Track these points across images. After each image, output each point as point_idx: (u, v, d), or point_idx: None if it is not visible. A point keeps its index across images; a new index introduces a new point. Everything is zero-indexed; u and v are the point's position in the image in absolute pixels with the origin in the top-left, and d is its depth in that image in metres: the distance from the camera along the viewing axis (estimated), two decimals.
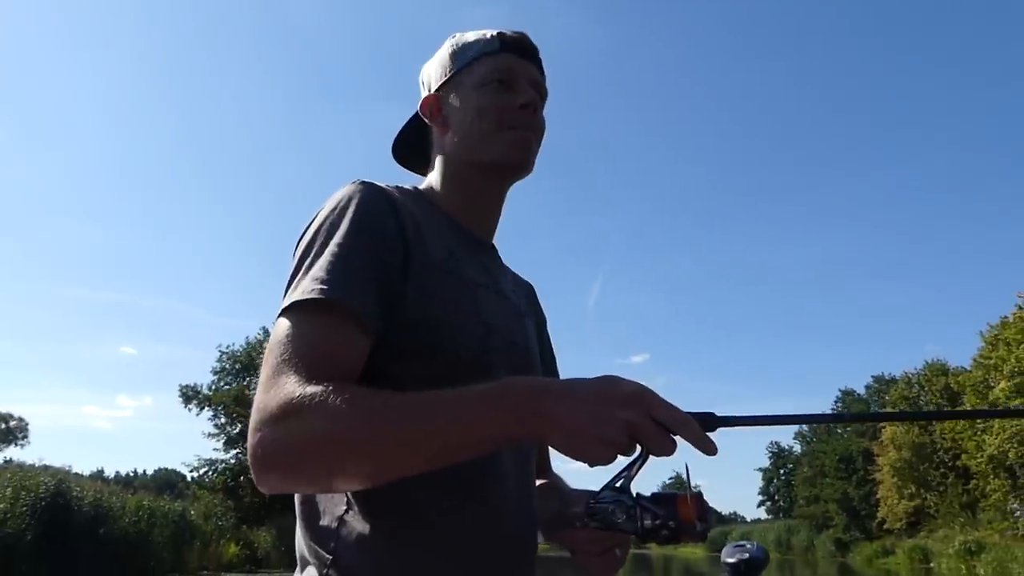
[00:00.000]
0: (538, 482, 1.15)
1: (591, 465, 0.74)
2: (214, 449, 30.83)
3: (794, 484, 59.36)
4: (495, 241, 1.17)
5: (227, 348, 31.90)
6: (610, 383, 0.75)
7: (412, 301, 0.93)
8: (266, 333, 34.59)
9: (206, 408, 30.48)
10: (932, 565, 28.77)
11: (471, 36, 1.11)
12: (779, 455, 68.82)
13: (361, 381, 0.86)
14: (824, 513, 47.67)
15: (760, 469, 71.14)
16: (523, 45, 1.09)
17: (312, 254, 0.92)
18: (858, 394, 51.09)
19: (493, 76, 1.06)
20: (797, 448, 63.30)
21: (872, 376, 47.46)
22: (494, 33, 1.09)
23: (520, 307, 1.13)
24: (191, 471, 31.28)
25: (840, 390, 54.86)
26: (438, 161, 1.11)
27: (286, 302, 0.88)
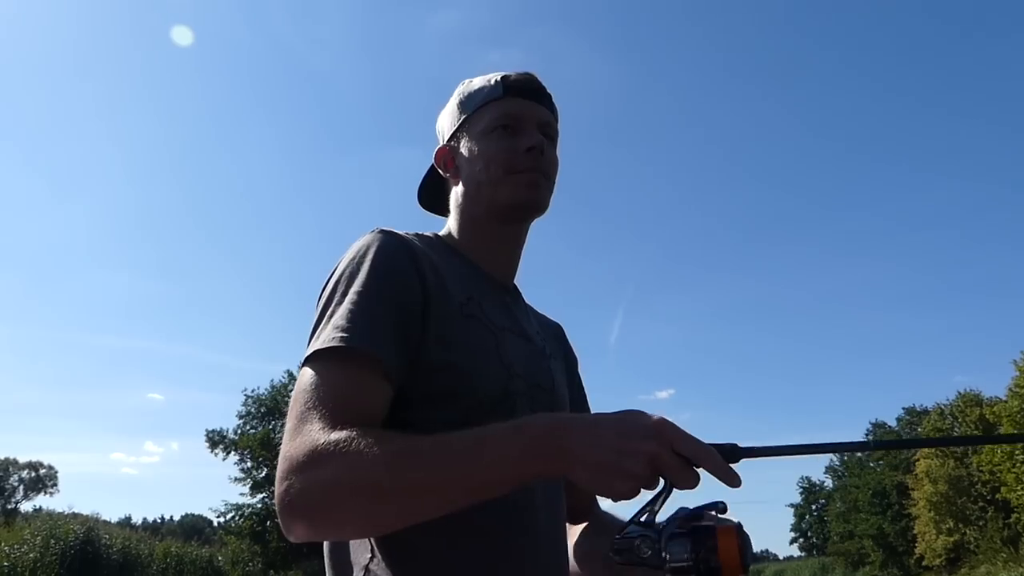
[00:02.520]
0: (582, 525, 1.15)
1: (615, 500, 0.74)
2: (240, 494, 30.70)
3: (827, 520, 57.98)
4: (518, 283, 1.17)
5: (252, 392, 31.94)
6: (631, 416, 0.74)
7: (433, 346, 0.94)
8: (290, 376, 34.68)
9: (232, 452, 30.39)
10: None
11: (477, 83, 1.11)
12: (810, 490, 67.30)
13: (384, 427, 0.87)
14: (859, 549, 46.43)
15: (791, 505, 69.52)
16: (529, 87, 1.09)
17: (334, 303, 0.94)
18: (889, 426, 50.02)
19: (498, 122, 1.06)
20: (829, 483, 61.86)
21: (903, 408, 46.46)
22: (498, 77, 1.08)
23: (545, 348, 1.12)
24: (218, 516, 31.19)
25: (871, 422, 53.73)
26: (454, 210, 1.13)
27: (309, 351, 0.90)
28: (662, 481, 0.73)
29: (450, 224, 1.14)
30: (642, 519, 0.75)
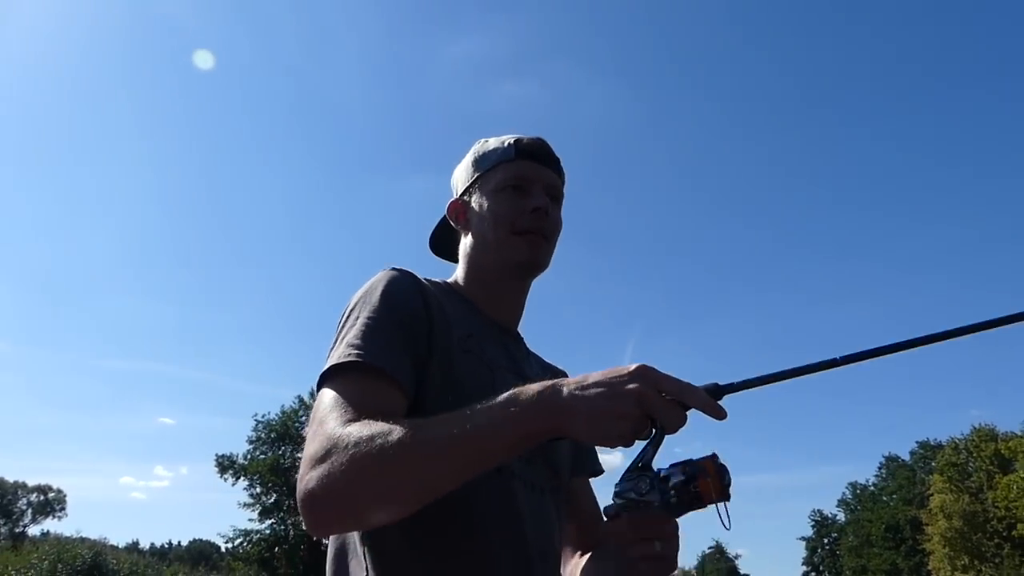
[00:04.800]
0: (593, 556, 1.19)
1: (612, 446, 0.79)
2: (249, 519, 30.61)
3: (839, 554, 57.01)
4: (524, 331, 1.24)
5: (263, 417, 31.90)
6: (615, 368, 0.80)
7: (436, 372, 1.01)
8: (301, 402, 34.55)
9: (242, 477, 30.33)
10: None
11: (492, 143, 1.20)
12: (822, 523, 66.28)
13: None
14: None
15: (803, 538, 68.47)
16: (539, 151, 1.18)
17: (347, 326, 1.01)
18: (903, 460, 49.42)
19: (508, 183, 1.15)
20: (841, 516, 60.97)
21: (917, 442, 45.86)
22: (512, 140, 1.18)
23: None
24: (226, 542, 31.01)
25: (884, 456, 53.14)
26: (462, 259, 1.22)
27: (323, 368, 0.96)
28: (653, 431, 0.79)
29: (458, 272, 1.22)
30: (639, 465, 0.81)
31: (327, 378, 0.95)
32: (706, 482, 0.80)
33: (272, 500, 31.20)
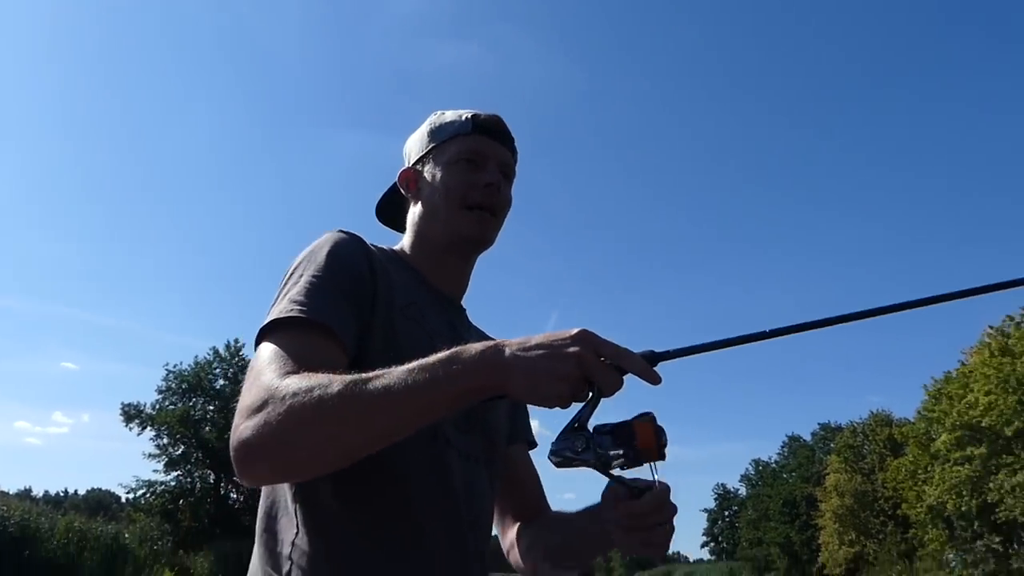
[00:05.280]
0: (533, 525, 1.24)
1: (550, 406, 0.80)
2: (154, 471, 30.14)
3: (738, 526, 59.82)
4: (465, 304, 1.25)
5: (174, 367, 31.35)
6: (556, 331, 0.81)
7: (377, 333, 1.02)
8: (215, 353, 33.92)
9: (148, 428, 29.69)
10: None
11: (449, 116, 1.19)
12: (725, 497, 69.32)
13: None
14: (766, 556, 48.04)
15: (705, 510, 71.50)
16: (495, 127, 1.18)
17: (290, 283, 1.00)
18: (804, 440, 51.95)
19: (462, 156, 1.15)
20: (743, 491, 63.77)
21: (819, 423, 48.20)
22: (469, 115, 1.17)
23: None
24: (127, 492, 30.41)
25: (787, 435, 55.70)
26: (410, 228, 1.22)
27: (264, 321, 0.95)
28: (590, 393, 0.81)
29: (405, 240, 1.22)
30: (575, 426, 0.83)
31: (267, 332, 0.95)
32: (647, 439, 0.81)
33: (180, 452, 30.68)
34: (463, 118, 1.18)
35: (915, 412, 27.76)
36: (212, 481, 32.28)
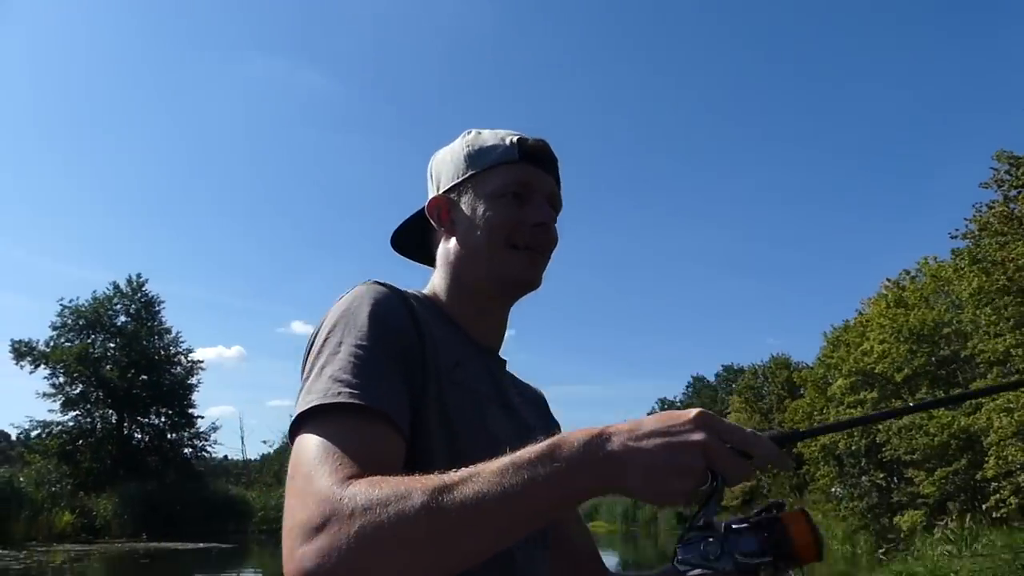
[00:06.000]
0: None
1: (669, 503, 0.69)
2: (49, 410, 28.91)
3: None
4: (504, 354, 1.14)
5: (70, 302, 29.92)
6: (673, 413, 0.70)
7: (430, 412, 0.91)
8: (116, 288, 32.28)
9: (42, 366, 28.43)
10: None
11: (489, 139, 1.07)
12: None
13: None
14: None
15: None
16: (542, 155, 1.07)
17: (327, 353, 0.87)
18: (708, 381, 54.43)
19: (509, 189, 1.03)
20: None
21: (722, 365, 50.56)
22: (514, 140, 1.05)
23: (528, 421, 1.08)
24: (20, 433, 29.08)
25: (692, 376, 58.22)
26: (443, 268, 1.09)
27: (304, 406, 0.81)
28: (712, 483, 0.70)
29: (436, 284, 1.09)
30: (700, 523, 0.71)
31: (308, 418, 0.81)
32: (804, 540, 0.69)
33: (78, 391, 29.40)
34: (507, 143, 1.05)
35: (815, 359, 29.34)
36: (114, 421, 31.19)
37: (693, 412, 0.70)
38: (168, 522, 26.53)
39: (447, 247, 1.08)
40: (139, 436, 32.66)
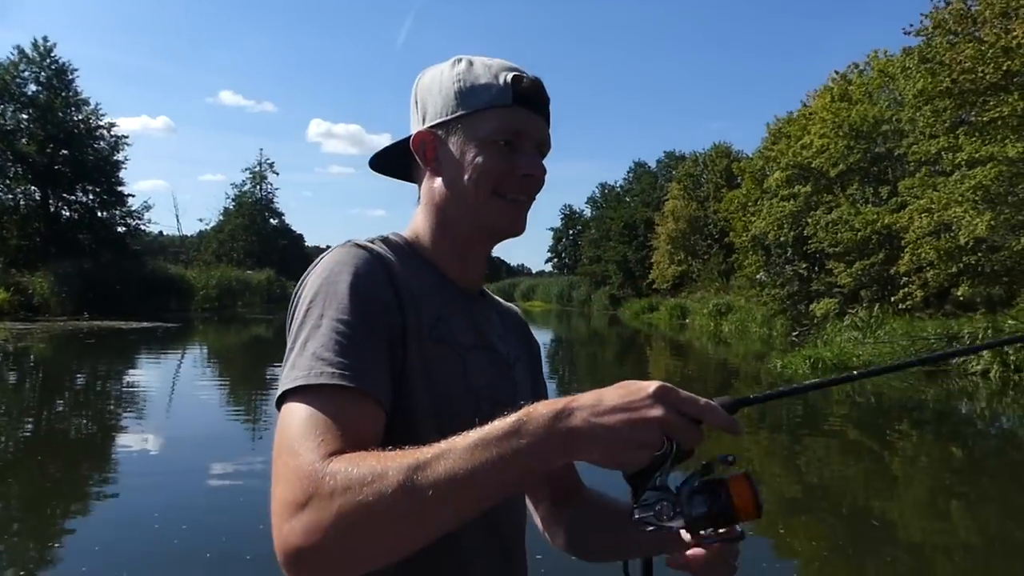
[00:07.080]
0: (573, 509, 1.18)
1: (628, 471, 0.77)
2: None
3: (581, 244, 64.67)
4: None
5: None
6: (631, 386, 0.75)
7: (410, 374, 0.94)
8: (21, 53, 29.63)
9: None
10: (687, 321, 33.48)
11: (482, 75, 1.03)
12: (571, 217, 73.80)
13: None
14: (604, 272, 52.95)
15: (551, 228, 76.22)
16: (536, 98, 1.05)
17: (309, 327, 0.89)
18: (649, 167, 54.84)
19: (501, 136, 1.02)
20: (588, 212, 67.86)
21: (664, 152, 50.73)
22: (508, 79, 1.02)
23: (509, 355, 1.13)
24: None
25: (634, 161, 58.50)
26: (427, 208, 1.09)
27: (288, 384, 0.85)
28: (667, 449, 0.76)
29: (418, 224, 1.10)
30: (657, 484, 0.78)
31: (293, 393, 0.85)
32: (745, 500, 0.79)
33: None
34: (501, 82, 1.02)
35: (754, 152, 29.56)
36: (39, 198, 30.02)
37: (653, 387, 0.74)
38: (108, 301, 26.66)
39: (431, 186, 1.07)
40: (67, 214, 31.72)
